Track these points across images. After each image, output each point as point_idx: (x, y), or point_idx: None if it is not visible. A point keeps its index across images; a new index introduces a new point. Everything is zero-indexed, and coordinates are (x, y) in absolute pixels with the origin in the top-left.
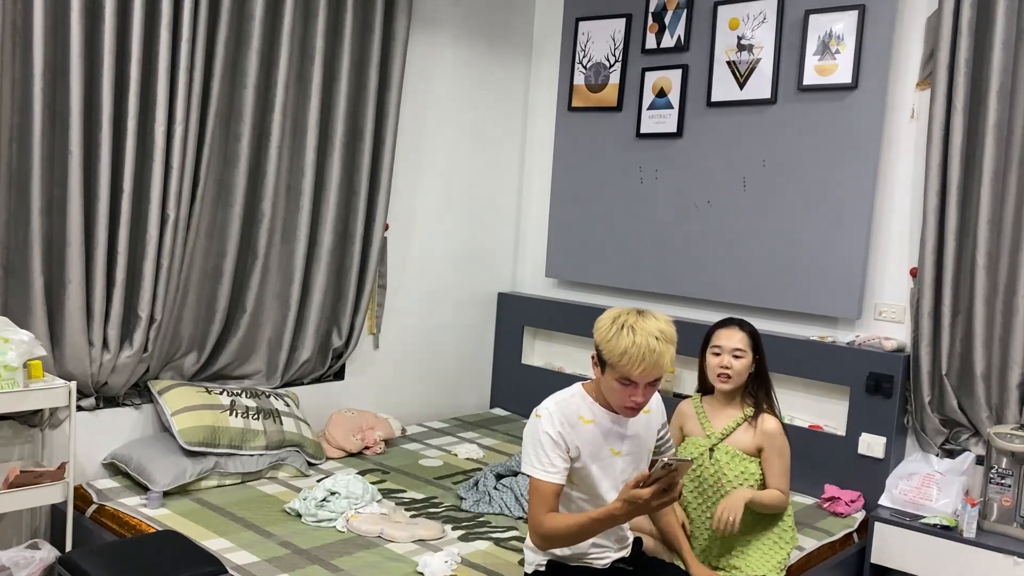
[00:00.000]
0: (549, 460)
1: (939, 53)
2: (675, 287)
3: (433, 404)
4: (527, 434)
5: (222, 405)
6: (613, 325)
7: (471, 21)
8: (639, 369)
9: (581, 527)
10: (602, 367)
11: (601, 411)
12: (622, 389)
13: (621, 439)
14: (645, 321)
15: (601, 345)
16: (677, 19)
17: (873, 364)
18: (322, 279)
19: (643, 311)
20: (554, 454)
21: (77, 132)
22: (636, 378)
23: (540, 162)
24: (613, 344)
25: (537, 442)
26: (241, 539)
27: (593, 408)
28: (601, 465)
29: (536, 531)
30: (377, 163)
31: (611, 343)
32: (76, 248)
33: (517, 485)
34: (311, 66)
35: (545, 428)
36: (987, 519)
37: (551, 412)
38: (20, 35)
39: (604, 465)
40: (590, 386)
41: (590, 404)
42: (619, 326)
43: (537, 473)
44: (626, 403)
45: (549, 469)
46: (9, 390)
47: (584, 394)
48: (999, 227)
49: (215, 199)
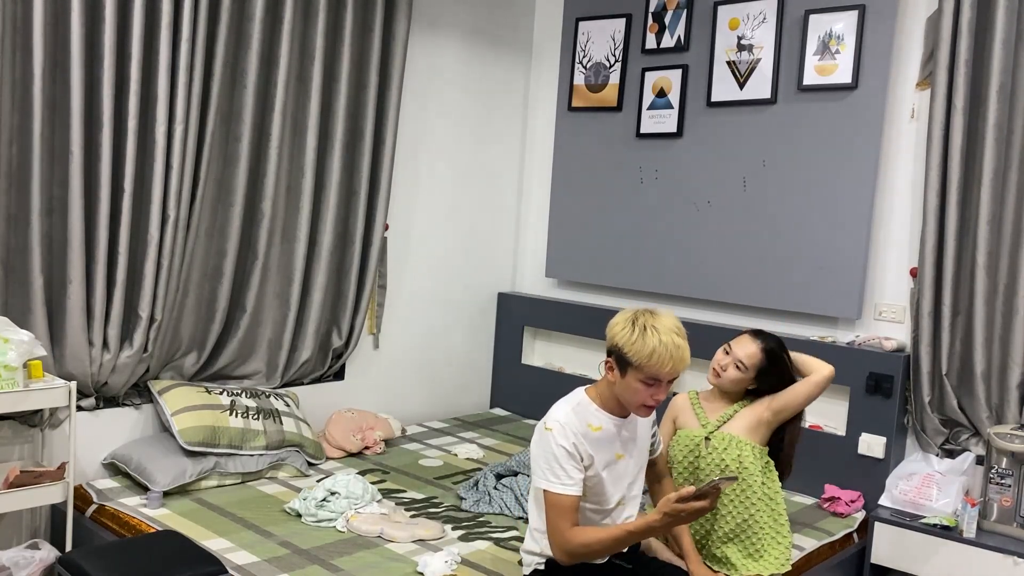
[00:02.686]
0: (566, 473)
1: (939, 53)
2: (675, 287)
3: (433, 404)
4: (538, 449)
5: (222, 405)
6: (634, 328)
7: (471, 21)
8: (668, 367)
9: (616, 540)
10: (622, 370)
11: (607, 417)
12: (645, 389)
13: (624, 443)
14: (662, 319)
15: (625, 348)
16: (677, 19)
17: (873, 364)
18: (322, 279)
19: (652, 310)
20: (569, 466)
21: (78, 132)
22: (664, 376)
23: (540, 162)
24: (639, 346)
25: (551, 456)
26: (241, 539)
27: (599, 415)
28: (610, 471)
29: (563, 548)
30: (377, 163)
31: (636, 345)
32: (77, 248)
33: (517, 485)
34: (311, 66)
35: (559, 441)
36: (987, 519)
37: (562, 424)
38: (20, 35)
39: (612, 471)
40: (593, 392)
41: (596, 411)
42: (641, 328)
43: (555, 487)
44: (647, 402)
45: (567, 482)
46: (9, 390)
47: (589, 401)
48: (999, 227)
49: (215, 199)
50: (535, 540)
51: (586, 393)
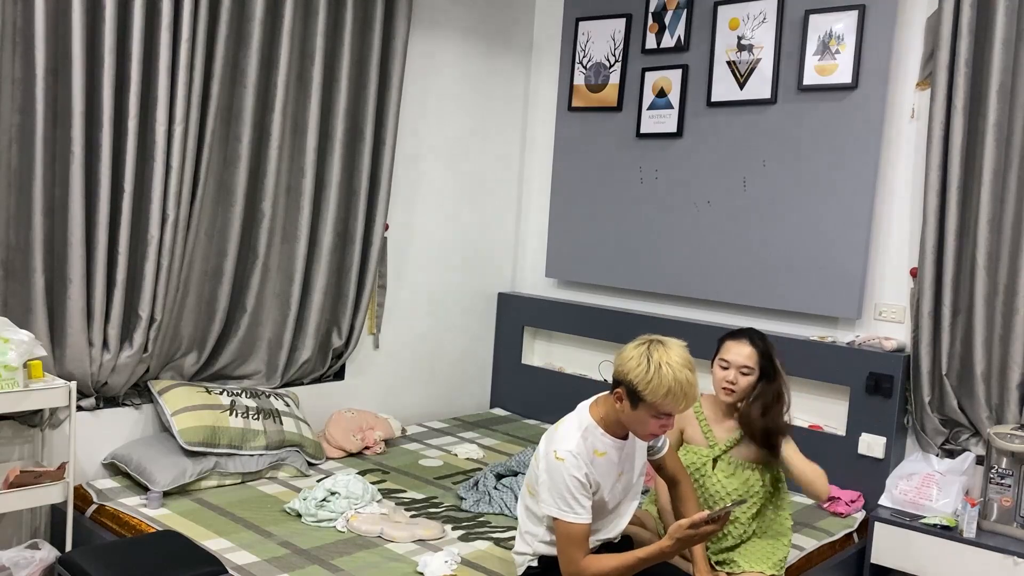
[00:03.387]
0: (578, 502)
1: (939, 53)
2: (675, 287)
3: (433, 404)
4: (548, 476)
5: (222, 405)
6: (648, 364)
7: (471, 21)
8: (683, 404)
9: (628, 567)
10: (633, 403)
11: (611, 441)
12: (656, 421)
13: (625, 460)
14: (672, 352)
15: (640, 386)
16: (677, 19)
17: (873, 364)
18: (322, 279)
19: (663, 341)
20: (581, 495)
21: (79, 132)
22: (677, 412)
23: (540, 162)
24: (655, 384)
25: (564, 486)
26: (241, 539)
27: (604, 440)
28: (611, 490)
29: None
30: (377, 163)
31: (653, 383)
32: (78, 248)
33: (517, 485)
34: (311, 66)
35: (572, 472)
36: (987, 519)
37: (575, 455)
38: (21, 35)
39: (613, 490)
40: (596, 412)
41: (601, 436)
42: (656, 365)
43: (568, 516)
44: (656, 432)
45: (579, 511)
46: (9, 390)
47: (595, 425)
48: (999, 227)
49: (215, 199)
50: (526, 543)
51: (590, 414)
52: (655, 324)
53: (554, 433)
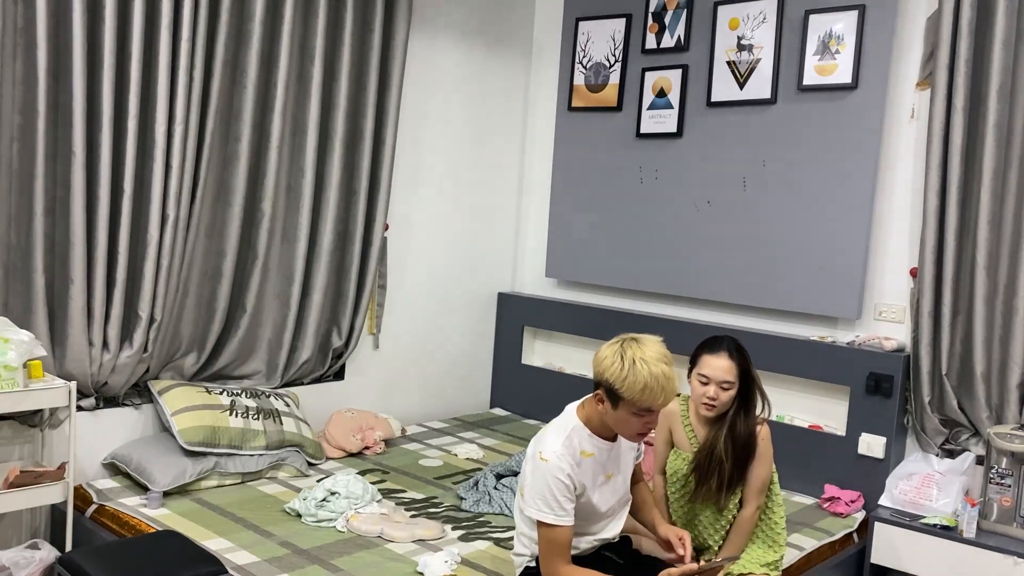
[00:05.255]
0: (559, 504)
1: (939, 53)
2: (675, 287)
3: (433, 404)
4: (532, 478)
5: (222, 405)
6: (623, 362)
7: (471, 21)
8: (661, 398)
9: None
10: (614, 403)
11: (599, 442)
12: (638, 419)
13: (614, 461)
14: (645, 348)
15: (616, 384)
16: (677, 19)
17: (873, 364)
18: (322, 279)
19: (637, 338)
20: (564, 497)
21: (80, 132)
22: (658, 407)
23: (540, 162)
24: (631, 381)
25: (546, 487)
26: (241, 539)
27: (592, 440)
28: (599, 492)
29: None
30: (377, 163)
31: (628, 380)
32: (79, 248)
33: (517, 485)
34: (311, 66)
35: (555, 473)
36: (987, 519)
37: (560, 455)
38: (22, 35)
39: (600, 491)
40: (584, 414)
41: (588, 436)
42: (629, 361)
43: (548, 518)
44: (642, 431)
45: (560, 513)
46: (9, 390)
47: (583, 427)
48: (999, 227)
49: (215, 199)
50: (523, 544)
51: (578, 416)
52: (655, 324)
53: (542, 435)
